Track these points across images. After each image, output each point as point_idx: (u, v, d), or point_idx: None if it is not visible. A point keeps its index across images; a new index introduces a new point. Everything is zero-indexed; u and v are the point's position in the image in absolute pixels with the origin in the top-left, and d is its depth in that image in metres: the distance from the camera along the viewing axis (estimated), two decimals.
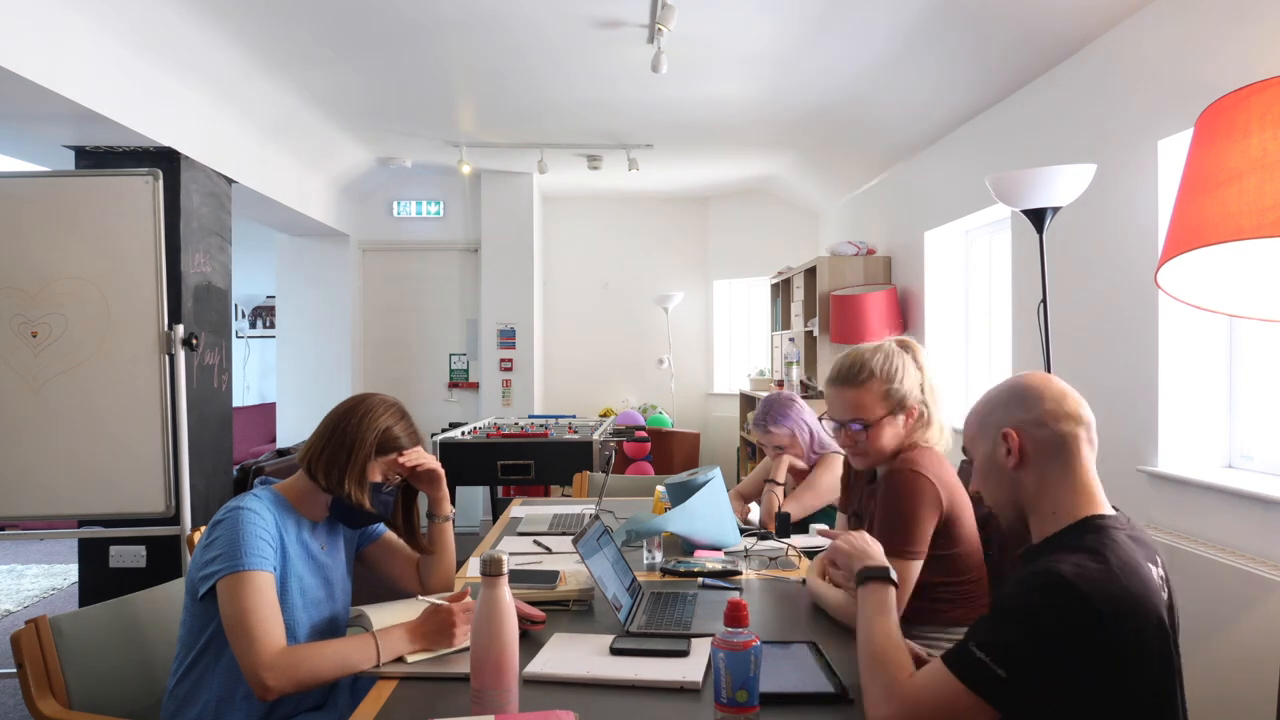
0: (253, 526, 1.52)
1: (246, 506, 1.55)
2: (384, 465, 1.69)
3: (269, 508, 1.59)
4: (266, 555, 1.51)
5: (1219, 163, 1.61)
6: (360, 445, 1.65)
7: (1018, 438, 1.25)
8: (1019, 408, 1.27)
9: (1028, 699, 1.09)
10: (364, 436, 1.65)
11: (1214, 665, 2.31)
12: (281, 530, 1.60)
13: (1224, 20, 2.48)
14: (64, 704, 1.54)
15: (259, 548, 1.50)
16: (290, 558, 1.60)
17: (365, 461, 1.65)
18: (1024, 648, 1.09)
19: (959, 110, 4.19)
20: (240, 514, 1.53)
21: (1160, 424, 2.77)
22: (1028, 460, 1.25)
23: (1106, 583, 1.09)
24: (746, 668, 1.15)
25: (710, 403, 7.75)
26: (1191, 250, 1.63)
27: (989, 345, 4.49)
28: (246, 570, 1.47)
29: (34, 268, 3.04)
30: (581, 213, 7.67)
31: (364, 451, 1.65)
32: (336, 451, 1.65)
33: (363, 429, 1.66)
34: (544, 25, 3.61)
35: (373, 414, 1.69)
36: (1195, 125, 1.74)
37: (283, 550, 1.59)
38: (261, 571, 1.49)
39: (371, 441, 1.66)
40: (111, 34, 3.25)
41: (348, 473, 1.64)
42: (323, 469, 1.64)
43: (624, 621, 1.67)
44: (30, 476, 3.03)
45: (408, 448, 1.72)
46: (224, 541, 1.50)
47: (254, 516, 1.53)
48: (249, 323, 7.90)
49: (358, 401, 1.71)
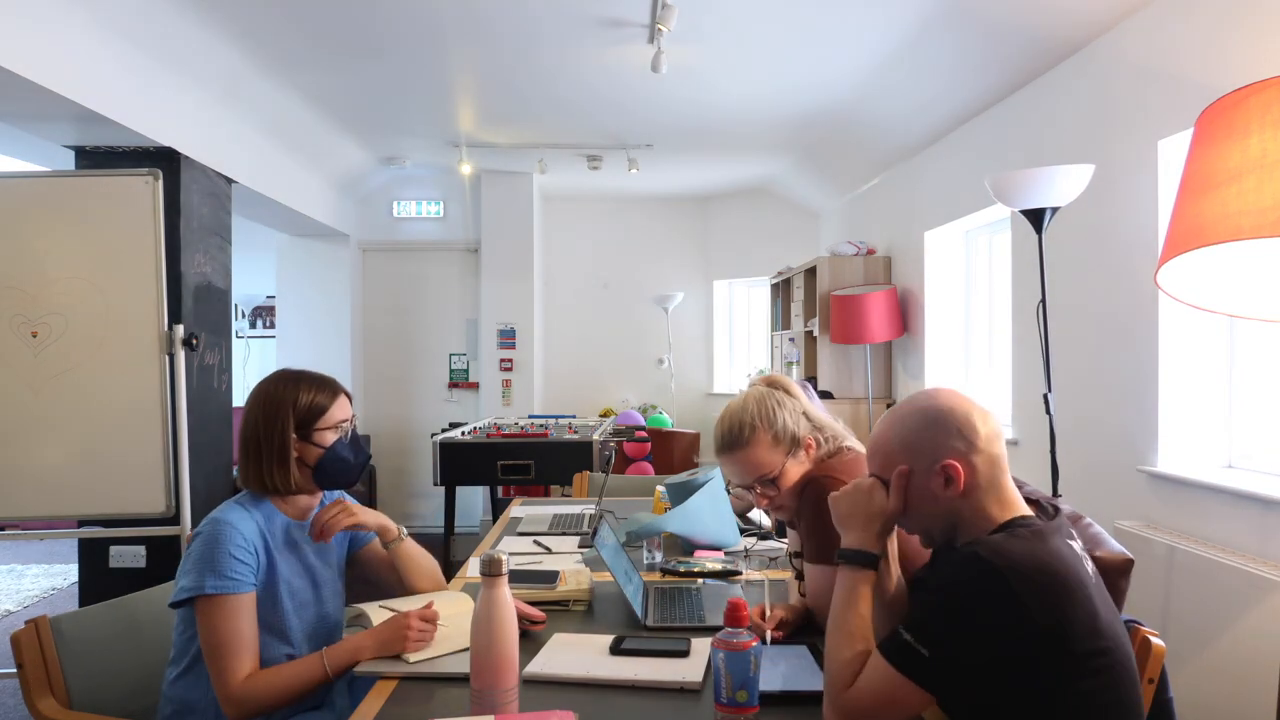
0: (227, 543, 1.49)
1: (225, 520, 1.52)
2: (320, 434, 1.63)
3: (251, 516, 1.57)
4: (240, 574, 1.49)
5: (1219, 163, 1.61)
6: (279, 436, 1.60)
7: (960, 468, 1.21)
8: (955, 437, 1.22)
9: (953, 677, 1.09)
10: (280, 427, 1.60)
11: (1214, 665, 2.31)
12: (266, 536, 1.58)
13: (1224, 20, 2.48)
14: (64, 704, 1.54)
15: (232, 567, 1.48)
16: (276, 564, 1.59)
17: (286, 445, 1.60)
18: (942, 625, 1.10)
19: (959, 110, 4.19)
20: (218, 529, 1.51)
21: (1160, 424, 2.78)
22: (969, 488, 1.22)
23: (1022, 556, 1.10)
24: (746, 668, 1.15)
25: (710, 403, 7.75)
26: (1191, 250, 1.63)
27: (989, 345, 4.49)
28: (218, 594, 1.46)
29: (34, 268, 3.04)
30: (581, 213, 7.66)
31: (286, 438, 1.60)
32: (264, 455, 1.60)
33: (273, 420, 1.61)
34: (544, 25, 3.61)
35: (271, 401, 1.62)
36: (1195, 125, 1.74)
37: (268, 559, 1.57)
38: (233, 595, 1.48)
39: (288, 425, 1.60)
40: (112, 34, 3.25)
41: (287, 468, 1.60)
42: (254, 477, 1.61)
43: (641, 617, 1.67)
44: (30, 476, 3.02)
45: (328, 405, 1.65)
46: (198, 559, 1.49)
47: (232, 531, 1.51)
48: (249, 323, 7.90)
49: (252, 401, 1.64)
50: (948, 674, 1.09)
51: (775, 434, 1.66)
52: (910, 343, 5.06)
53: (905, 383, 5.18)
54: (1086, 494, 3.19)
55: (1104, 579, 1.40)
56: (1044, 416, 2.81)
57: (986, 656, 1.08)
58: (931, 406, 1.26)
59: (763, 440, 1.66)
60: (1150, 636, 1.40)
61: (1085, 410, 3.21)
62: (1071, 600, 1.09)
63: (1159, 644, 1.39)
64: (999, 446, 1.25)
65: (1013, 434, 3.83)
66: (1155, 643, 1.39)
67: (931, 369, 4.78)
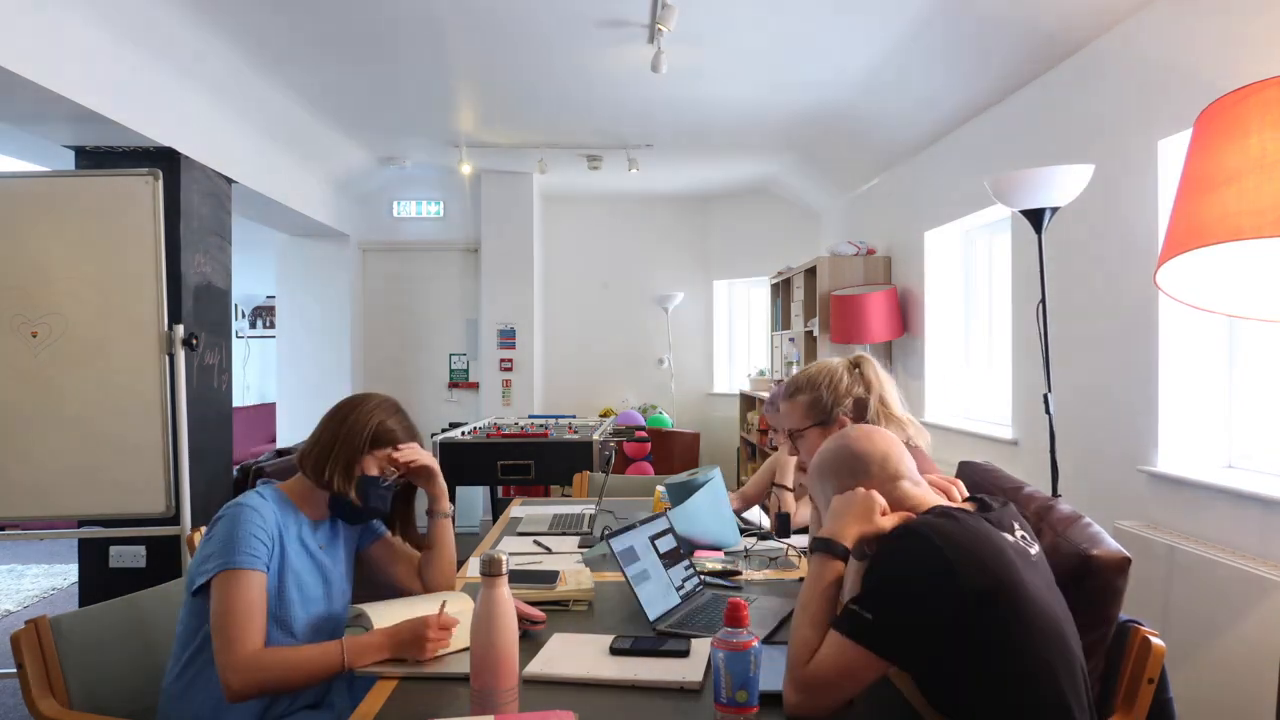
0: (249, 524, 1.54)
1: (247, 504, 1.57)
2: (379, 460, 1.71)
3: (271, 506, 1.61)
4: (259, 553, 1.53)
5: (1218, 163, 1.61)
6: (353, 440, 1.68)
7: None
8: (852, 476, 1.36)
9: (897, 639, 1.17)
10: (357, 432, 1.69)
11: (1214, 665, 2.31)
12: (281, 528, 1.61)
13: (1224, 20, 2.48)
14: (64, 704, 1.54)
15: (252, 545, 1.52)
16: (289, 555, 1.61)
17: (356, 455, 1.68)
18: (882, 590, 1.20)
19: (959, 110, 4.19)
20: (240, 510, 1.55)
21: (1160, 424, 2.78)
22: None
23: (952, 529, 1.20)
24: (746, 667, 1.16)
25: (710, 403, 7.75)
26: (1190, 250, 1.63)
27: (989, 345, 4.49)
28: (237, 569, 1.49)
29: (34, 268, 3.04)
30: (581, 213, 7.67)
31: (356, 445, 1.68)
32: (329, 448, 1.68)
33: (357, 425, 1.70)
34: (544, 25, 3.61)
35: (367, 410, 1.72)
36: (1194, 125, 1.74)
37: (281, 548, 1.60)
38: (252, 570, 1.50)
39: (365, 436, 1.69)
40: (112, 34, 3.25)
41: (338, 468, 1.66)
42: (313, 465, 1.68)
43: (653, 619, 1.66)
44: (30, 476, 3.02)
45: (403, 441, 1.74)
46: (220, 538, 1.52)
47: (253, 514, 1.55)
48: (249, 323, 7.90)
49: (353, 399, 1.75)
50: (891, 636, 1.17)
51: (815, 403, 1.85)
52: (910, 343, 5.06)
53: (906, 383, 5.18)
54: (1086, 494, 3.19)
55: (1101, 578, 1.43)
56: (1044, 416, 2.80)
57: (924, 617, 1.16)
58: (828, 455, 1.42)
59: (801, 403, 1.88)
60: (1150, 636, 1.40)
61: (1085, 410, 3.21)
62: (998, 564, 1.18)
63: (1159, 644, 1.39)
64: (896, 467, 1.37)
65: (1013, 434, 3.83)
66: (1155, 643, 1.39)
67: (931, 369, 4.78)
